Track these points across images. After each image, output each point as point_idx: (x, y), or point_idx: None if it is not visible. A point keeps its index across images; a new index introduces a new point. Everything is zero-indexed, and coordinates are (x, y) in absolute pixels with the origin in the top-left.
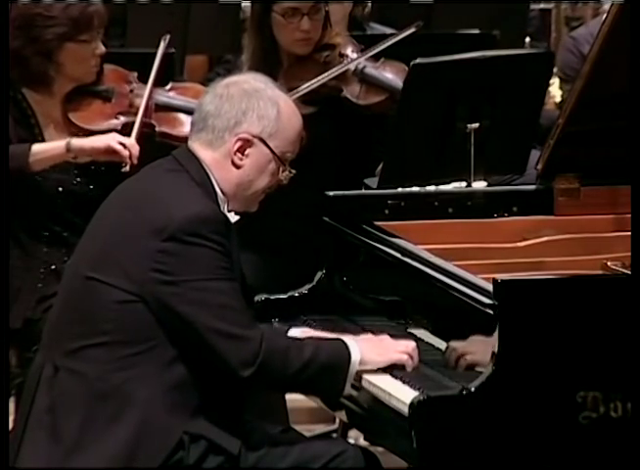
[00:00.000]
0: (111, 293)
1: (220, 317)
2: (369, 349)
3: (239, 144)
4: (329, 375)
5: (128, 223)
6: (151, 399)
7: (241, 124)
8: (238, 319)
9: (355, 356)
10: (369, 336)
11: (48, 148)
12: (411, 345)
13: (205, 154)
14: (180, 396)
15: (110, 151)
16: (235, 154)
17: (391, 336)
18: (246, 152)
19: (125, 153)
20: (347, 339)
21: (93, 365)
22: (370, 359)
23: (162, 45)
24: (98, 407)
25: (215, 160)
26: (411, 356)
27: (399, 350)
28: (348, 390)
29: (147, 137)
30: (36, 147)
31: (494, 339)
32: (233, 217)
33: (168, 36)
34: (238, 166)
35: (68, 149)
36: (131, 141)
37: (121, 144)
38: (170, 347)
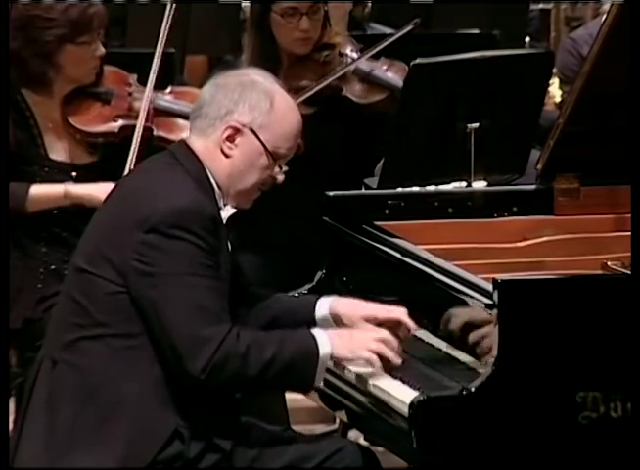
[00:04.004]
0: (102, 285)
1: (187, 315)
2: (339, 343)
3: (228, 132)
4: (295, 372)
5: (117, 216)
6: (141, 395)
7: (232, 113)
8: (205, 318)
9: (324, 350)
10: (339, 330)
11: (45, 193)
12: (381, 333)
13: (199, 143)
14: (172, 390)
15: None
16: (224, 142)
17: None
18: (235, 141)
19: None
20: (317, 332)
21: (88, 358)
22: (340, 355)
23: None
24: (91, 400)
25: (208, 149)
26: (381, 352)
27: (370, 347)
28: (320, 383)
29: (145, 141)
30: (34, 190)
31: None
32: (229, 211)
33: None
34: (227, 156)
35: (65, 195)
36: None
37: None
38: (156, 340)
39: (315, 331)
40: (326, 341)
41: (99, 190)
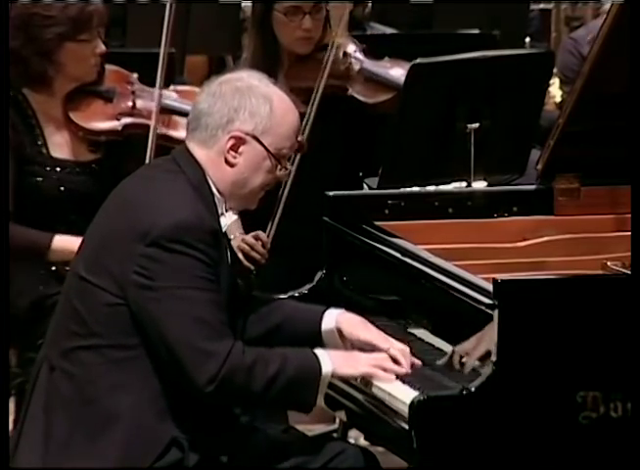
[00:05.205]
0: (100, 295)
1: (189, 328)
2: (341, 360)
3: (232, 142)
4: (298, 389)
5: (117, 226)
6: (137, 406)
7: (233, 122)
8: (207, 332)
9: (326, 368)
10: (340, 351)
11: (65, 248)
12: (381, 356)
13: (201, 153)
14: (168, 402)
15: None
16: (228, 152)
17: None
18: (239, 150)
19: None
20: (319, 351)
21: (84, 368)
22: (342, 371)
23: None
24: (86, 412)
25: (210, 158)
26: (385, 368)
27: (371, 363)
28: (321, 402)
29: (146, 138)
30: (56, 242)
31: (491, 334)
32: (231, 217)
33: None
34: (232, 165)
35: None
36: None
37: None
38: (154, 353)
39: (317, 350)
40: (328, 359)
41: None
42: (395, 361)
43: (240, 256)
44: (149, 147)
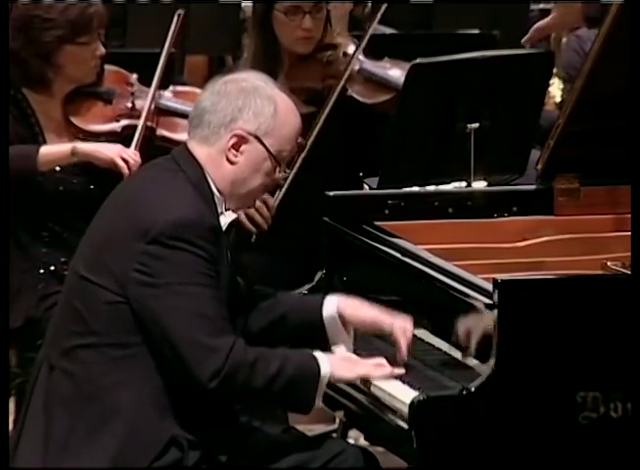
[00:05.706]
0: (100, 293)
1: (191, 324)
2: (339, 364)
3: (233, 140)
4: (297, 388)
5: (118, 225)
6: (137, 404)
7: (236, 121)
8: (209, 328)
9: (325, 370)
10: (339, 355)
11: (54, 151)
12: (378, 360)
13: (201, 151)
14: (169, 400)
15: (111, 164)
16: (229, 150)
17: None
18: (240, 149)
19: (126, 170)
20: (318, 353)
21: (83, 366)
22: (339, 374)
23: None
24: (86, 409)
25: (211, 156)
26: (381, 366)
27: (368, 364)
28: (319, 403)
29: (147, 140)
30: (44, 149)
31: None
32: (230, 216)
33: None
34: (232, 163)
35: (74, 153)
36: (134, 158)
37: (124, 160)
38: (156, 350)
39: (316, 352)
40: (326, 362)
41: (106, 148)
42: (392, 364)
43: (242, 217)
44: (132, 145)
